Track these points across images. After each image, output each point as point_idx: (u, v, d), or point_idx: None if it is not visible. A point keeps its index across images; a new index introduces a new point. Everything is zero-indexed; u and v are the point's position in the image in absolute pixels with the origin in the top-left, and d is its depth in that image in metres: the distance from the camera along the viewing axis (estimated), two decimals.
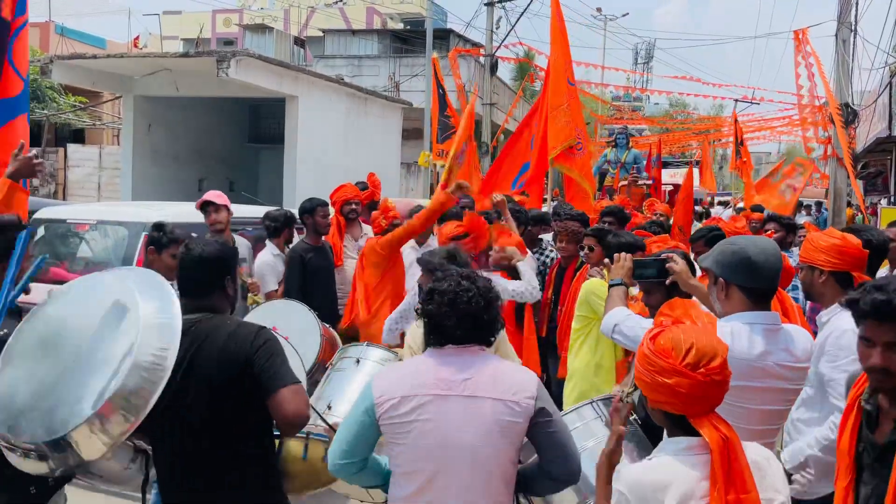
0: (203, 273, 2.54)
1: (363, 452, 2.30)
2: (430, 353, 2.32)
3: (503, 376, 2.25)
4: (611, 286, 3.03)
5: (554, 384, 4.66)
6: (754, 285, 2.41)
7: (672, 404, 1.83)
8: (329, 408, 3.08)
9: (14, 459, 2.21)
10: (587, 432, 2.55)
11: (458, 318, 2.27)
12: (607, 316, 2.89)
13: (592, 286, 4.10)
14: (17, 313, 2.69)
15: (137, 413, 2.15)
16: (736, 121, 13.35)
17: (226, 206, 5.10)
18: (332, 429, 2.92)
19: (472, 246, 4.56)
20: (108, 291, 2.40)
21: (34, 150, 3.50)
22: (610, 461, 2.06)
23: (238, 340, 2.38)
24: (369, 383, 2.31)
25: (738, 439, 1.79)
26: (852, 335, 2.11)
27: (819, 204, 17.86)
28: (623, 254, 3.08)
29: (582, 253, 4.62)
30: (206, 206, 5.06)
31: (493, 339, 2.36)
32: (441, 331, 2.29)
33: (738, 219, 6.53)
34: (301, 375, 2.70)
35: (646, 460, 1.90)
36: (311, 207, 5.48)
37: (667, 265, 2.92)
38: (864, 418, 2.01)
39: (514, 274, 4.62)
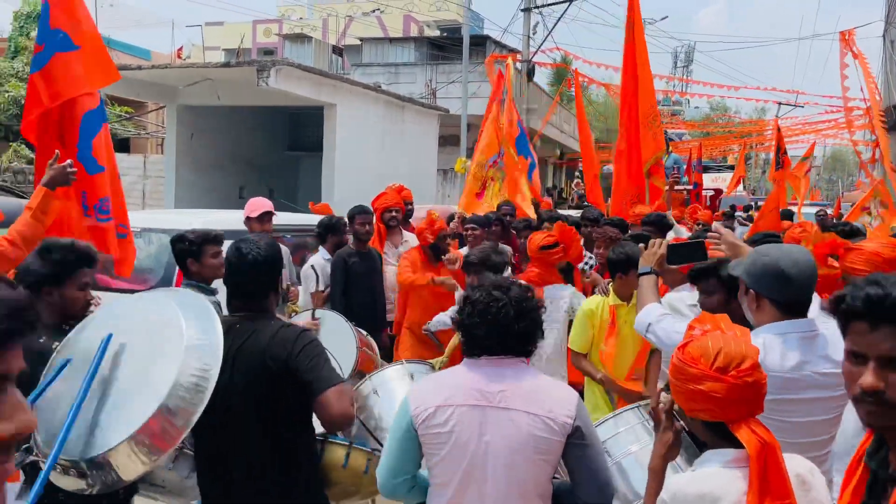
0: (255, 278, 2.54)
1: (410, 469, 2.29)
2: (467, 363, 2.29)
3: (540, 392, 2.21)
4: (641, 275, 2.95)
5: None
6: (786, 299, 2.33)
7: (709, 411, 1.80)
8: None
9: (53, 476, 2.20)
10: (632, 436, 2.51)
11: (488, 329, 2.23)
12: (641, 312, 2.83)
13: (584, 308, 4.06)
14: (65, 333, 2.74)
15: (177, 435, 2.17)
16: (778, 129, 13.06)
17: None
18: (377, 440, 2.92)
19: (562, 255, 4.52)
20: (152, 311, 2.42)
21: (68, 161, 3.60)
22: (665, 460, 1.99)
23: (281, 341, 2.40)
24: (406, 397, 2.30)
25: (778, 446, 1.74)
26: None
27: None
28: (657, 240, 3.01)
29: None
30: (264, 215, 5.20)
31: (529, 349, 2.30)
32: (474, 341, 2.27)
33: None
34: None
35: (690, 471, 1.87)
36: (351, 215, 5.68)
37: (708, 243, 2.78)
38: (871, 481, 1.53)
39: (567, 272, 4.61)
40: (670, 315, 2.80)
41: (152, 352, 2.27)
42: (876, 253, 2.76)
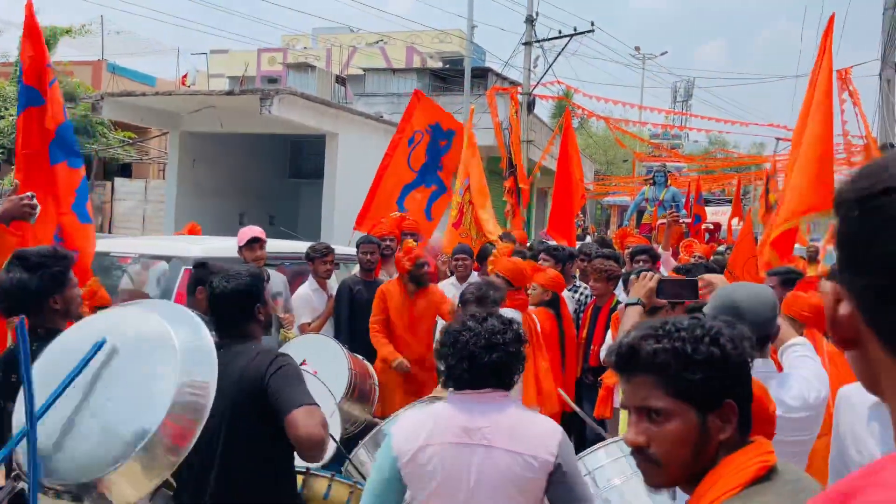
0: (232, 308, 2.59)
1: None
2: (450, 398, 2.28)
3: (522, 428, 2.19)
4: (628, 305, 2.96)
5: (588, 428, 4.60)
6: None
7: None
8: None
9: (44, 501, 2.14)
10: (616, 470, 2.52)
11: (459, 360, 2.21)
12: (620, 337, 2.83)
13: None
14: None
15: (174, 459, 2.13)
16: (767, 171, 12.96)
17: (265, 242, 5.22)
18: (358, 471, 2.90)
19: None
20: (142, 325, 2.37)
21: (29, 193, 3.33)
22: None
23: (257, 365, 2.44)
24: (390, 435, 2.28)
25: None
26: None
27: None
28: (648, 272, 3.02)
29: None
30: (251, 242, 5.15)
31: (507, 382, 2.27)
32: (448, 372, 2.26)
33: None
34: (328, 406, 2.70)
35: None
36: (357, 245, 5.68)
37: (700, 286, 2.78)
38: None
39: (555, 309, 4.64)
40: None
41: (147, 371, 2.23)
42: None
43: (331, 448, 2.85)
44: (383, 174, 7.84)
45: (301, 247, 6.84)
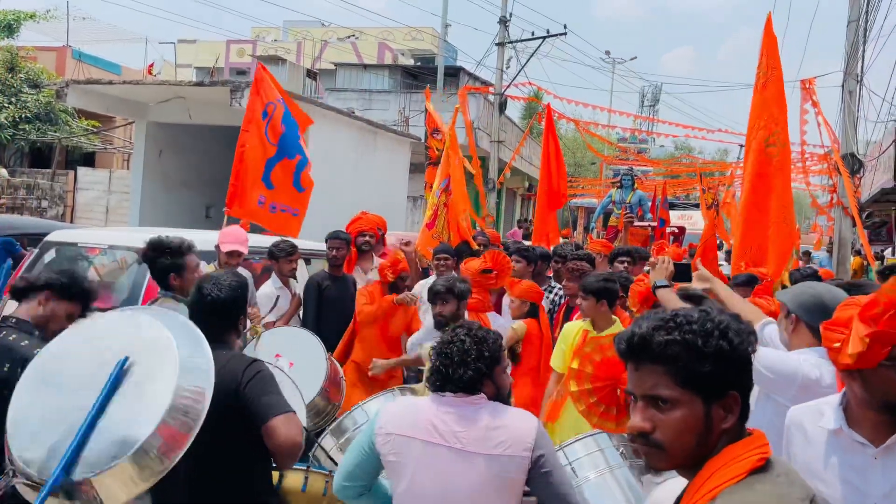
0: (217, 319, 2.57)
1: (366, 479, 2.33)
2: (431, 397, 2.34)
3: (498, 429, 2.22)
4: (658, 287, 3.20)
5: None
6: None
7: None
8: None
9: (32, 496, 2.15)
10: (590, 464, 2.57)
11: (445, 364, 2.31)
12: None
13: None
14: (33, 334, 2.69)
15: (167, 461, 2.13)
16: (706, 187, 13.17)
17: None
18: (328, 455, 2.93)
19: (495, 283, 4.73)
20: (141, 331, 2.38)
21: None
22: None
23: (231, 372, 2.41)
24: (378, 412, 2.35)
25: None
26: None
27: (808, 253, 16.71)
28: (664, 257, 3.30)
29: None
30: (233, 254, 5.05)
31: (488, 388, 2.34)
32: (433, 374, 2.34)
33: None
34: (299, 405, 2.70)
35: (671, 482, 1.94)
36: (326, 240, 5.63)
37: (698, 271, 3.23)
38: None
39: (535, 318, 4.72)
40: None
41: (143, 374, 2.23)
42: None
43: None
44: (243, 153, 7.38)
45: (268, 242, 6.79)
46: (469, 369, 2.28)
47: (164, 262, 3.75)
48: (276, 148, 7.44)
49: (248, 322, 5.02)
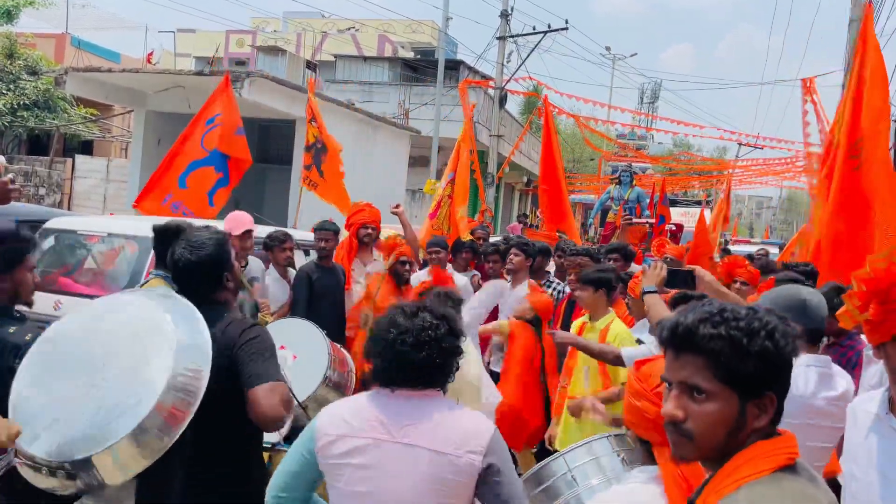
0: (200, 278, 2.51)
1: (301, 490, 2.12)
2: (378, 392, 2.11)
3: (449, 427, 2.02)
4: (646, 293, 3.15)
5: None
6: (805, 326, 2.55)
7: (638, 427, 1.94)
8: None
9: (32, 476, 2.15)
10: (596, 468, 2.52)
11: (385, 359, 2.07)
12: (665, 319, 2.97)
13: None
14: (21, 320, 2.68)
15: (168, 439, 2.13)
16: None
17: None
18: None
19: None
20: (137, 312, 2.38)
21: (10, 175, 3.49)
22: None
23: (229, 333, 2.38)
24: (315, 419, 2.13)
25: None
26: None
27: None
28: (658, 262, 3.25)
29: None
30: (246, 233, 5.12)
31: (440, 380, 2.11)
32: (375, 373, 2.11)
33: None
34: (301, 395, 2.68)
35: (617, 485, 1.97)
36: (314, 230, 5.63)
37: (695, 273, 3.13)
38: None
39: (536, 327, 4.71)
40: None
41: (141, 353, 2.24)
42: None
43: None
44: (179, 152, 7.39)
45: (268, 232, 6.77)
46: (418, 362, 2.03)
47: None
48: (207, 154, 7.46)
49: (257, 307, 5.03)
